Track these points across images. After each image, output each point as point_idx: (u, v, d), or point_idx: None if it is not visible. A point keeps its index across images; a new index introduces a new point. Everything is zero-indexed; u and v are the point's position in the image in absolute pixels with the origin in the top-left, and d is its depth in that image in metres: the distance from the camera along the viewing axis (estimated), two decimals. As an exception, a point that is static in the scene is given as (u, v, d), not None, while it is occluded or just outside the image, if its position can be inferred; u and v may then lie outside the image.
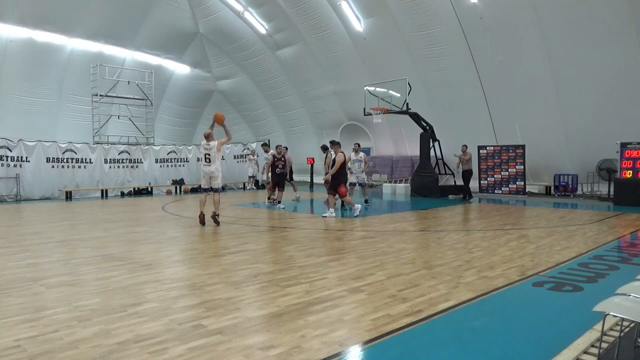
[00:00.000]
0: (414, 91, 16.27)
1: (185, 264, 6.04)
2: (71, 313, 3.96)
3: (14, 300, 4.34)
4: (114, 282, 5.04)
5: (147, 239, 7.95)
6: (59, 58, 20.78)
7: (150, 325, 3.66)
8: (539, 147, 16.36)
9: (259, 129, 27.66)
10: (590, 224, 9.52)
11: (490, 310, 4.17)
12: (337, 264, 5.94)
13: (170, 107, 26.45)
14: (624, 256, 6.51)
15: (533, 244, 7.28)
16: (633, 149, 13.41)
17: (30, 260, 6.18)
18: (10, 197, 15.27)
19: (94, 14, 20.36)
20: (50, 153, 16.17)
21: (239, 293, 4.59)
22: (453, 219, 10.55)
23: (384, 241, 7.60)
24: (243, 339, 3.40)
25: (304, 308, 4.11)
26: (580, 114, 15.13)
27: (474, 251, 6.77)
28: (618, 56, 13.78)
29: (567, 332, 3.53)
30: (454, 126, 18.39)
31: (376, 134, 22.37)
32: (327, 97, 23.06)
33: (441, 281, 5.05)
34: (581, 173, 15.83)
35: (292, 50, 22.62)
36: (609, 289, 3.42)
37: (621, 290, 3.04)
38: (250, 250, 6.82)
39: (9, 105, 19.90)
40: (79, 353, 3.14)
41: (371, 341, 3.39)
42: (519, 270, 5.57)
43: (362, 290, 4.70)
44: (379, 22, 18.62)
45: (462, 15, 16.07)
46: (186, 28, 23.67)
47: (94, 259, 6.25)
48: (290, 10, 20.47)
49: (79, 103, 21.49)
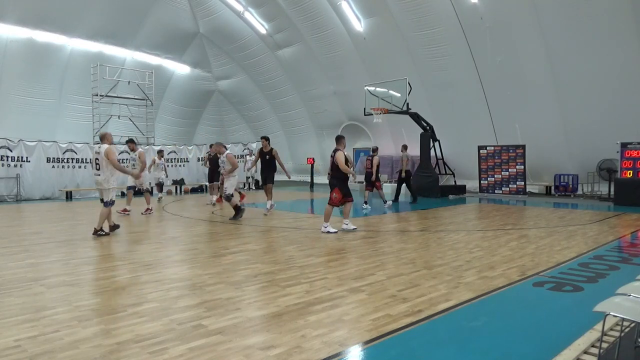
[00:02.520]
0: (414, 91, 16.27)
1: (185, 264, 6.04)
2: (71, 313, 3.96)
3: (15, 300, 4.34)
4: (114, 282, 5.04)
5: (147, 239, 7.95)
6: (59, 58, 20.79)
7: (151, 325, 3.66)
8: (539, 147, 16.36)
9: (259, 129, 27.66)
10: (590, 224, 9.51)
11: (491, 310, 4.17)
12: (337, 264, 5.94)
13: (170, 107, 26.46)
14: (625, 256, 6.50)
15: (533, 244, 7.27)
16: (633, 149, 13.41)
17: (31, 260, 6.18)
18: (11, 197, 15.28)
19: (94, 14, 20.36)
20: (51, 153, 16.18)
21: (239, 293, 4.59)
22: (453, 219, 10.55)
23: (384, 241, 7.60)
24: (243, 339, 3.40)
25: (304, 308, 4.11)
26: (581, 113, 15.13)
27: (475, 251, 6.77)
28: (618, 56, 13.77)
29: (567, 332, 3.53)
30: (454, 126, 18.39)
31: (376, 134, 22.37)
32: (327, 97, 23.06)
33: (441, 281, 5.05)
34: (581, 173, 15.83)
35: (292, 50, 22.63)
36: (609, 289, 3.42)
37: (621, 290, 3.03)
38: (250, 250, 6.82)
39: (9, 105, 19.90)
40: (79, 353, 3.14)
41: (371, 341, 3.39)
42: (519, 270, 5.57)
43: (362, 290, 4.70)
44: (379, 22, 18.62)
45: (462, 15, 16.07)
46: (186, 28, 23.68)
47: (94, 259, 6.25)
48: (290, 10, 20.47)
49: (79, 103, 21.49)
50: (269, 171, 11.42)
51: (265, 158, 11.36)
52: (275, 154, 11.26)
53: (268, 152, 11.31)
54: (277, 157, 11.28)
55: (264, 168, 11.57)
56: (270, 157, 11.29)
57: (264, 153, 11.37)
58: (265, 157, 11.35)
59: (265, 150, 11.38)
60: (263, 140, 11.45)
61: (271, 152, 11.25)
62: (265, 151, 11.39)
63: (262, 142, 11.43)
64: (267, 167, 11.40)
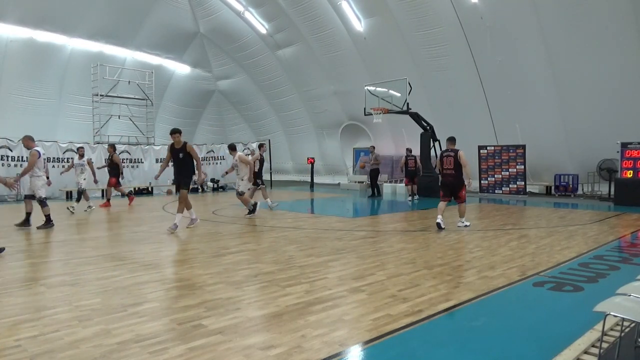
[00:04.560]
0: (414, 91, 16.27)
1: (185, 264, 6.04)
2: (72, 313, 3.96)
3: (15, 300, 4.35)
4: (114, 281, 5.04)
5: (147, 238, 7.95)
6: (59, 58, 20.78)
7: (151, 325, 3.66)
8: (540, 147, 16.35)
9: (259, 129, 27.66)
10: (590, 224, 9.51)
11: (491, 310, 4.17)
12: (337, 263, 5.94)
13: (170, 107, 26.44)
14: (625, 256, 6.50)
15: (533, 244, 7.27)
16: (634, 149, 13.40)
17: (31, 260, 6.18)
18: (11, 197, 15.28)
19: (94, 14, 20.35)
20: (51, 153, 16.17)
21: (239, 293, 4.59)
22: (453, 219, 10.54)
23: (384, 241, 7.60)
24: (243, 339, 3.40)
25: (305, 308, 4.11)
26: (581, 113, 15.12)
27: (475, 251, 6.77)
28: (618, 56, 13.76)
29: (567, 332, 3.53)
30: (455, 126, 18.32)
31: (376, 134, 22.36)
32: (327, 97, 23.05)
33: (441, 281, 5.05)
34: (582, 173, 15.82)
35: (293, 50, 22.62)
36: (609, 289, 3.41)
37: (622, 290, 3.03)
38: (250, 250, 6.82)
39: (10, 105, 19.88)
40: (80, 353, 3.14)
41: (371, 341, 3.39)
42: (519, 270, 5.57)
43: (362, 290, 4.70)
44: (379, 22, 18.61)
45: (462, 15, 16.06)
46: (186, 28, 23.68)
47: (94, 259, 6.25)
48: (290, 10, 20.47)
49: (80, 103, 21.47)
50: (183, 174, 8.83)
51: (178, 157, 8.73)
52: (191, 150, 8.75)
53: (181, 149, 8.71)
54: (194, 155, 8.82)
55: (177, 170, 8.97)
56: (184, 155, 8.71)
57: (176, 150, 8.73)
58: (177, 156, 8.73)
59: (177, 147, 8.73)
60: (174, 135, 8.72)
61: (185, 148, 8.69)
62: (176, 147, 8.73)
63: (173, 136, 8.73)
64: (180, 168, 8.83)
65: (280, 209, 12.46)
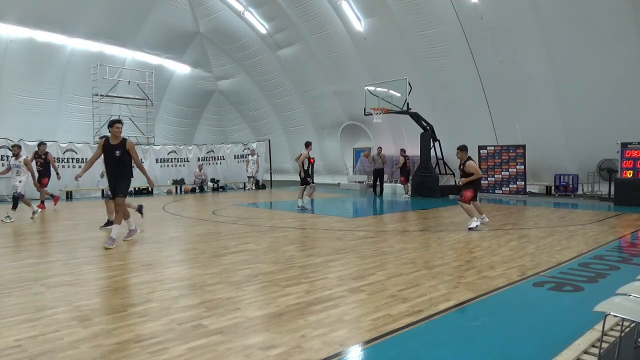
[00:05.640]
0: (414, 91, 16.27)
1: (185, 264, 6.04)
2: (71, 313, 3.96)
3: (15, 300, 4.34)
4: (114, 282, 5.04)
5: (147, 239, 7.95)
6: (59, 58, 20.78)
7: (151, 325, 3.66)
8: (540, 147, 16.35)
9: (259, 129, 27.67)
10: (590, 224, 9.51)
11: (491, 310, 4.17)
12: (337, 263, 5.93)
13: (170, 107, 26.45)
14: (625, 256, 6.50)
15: (533, 244, 7.27)
16: (634, 149, 13.41)
17: (31, 260, 6.18)
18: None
19: (94, 14, 20.35)
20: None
21: (239, 293, 4.59)
22: (454, 219, 10.54)
23: (385, 241, 7.60)
24: (243, 339, 3.40)
25: (305, 308, 4.11)
26: (581, 113, 15.12)
27: (475, 251, 6.77)
28: (618, 56, 13.76)
29: (567, 332, 3.53)
30: (455, 126, 18.39)
31: (376, 134, 22.36)
32: (327, 97, 23.05)
33: (441, 281, 5.05)
34: (582, 173, 15.82)
35: (293, 50, 22.62)
36: (609, 289, 3.42)
37: (622, 290, 3.03)
38: (250, 250, 6.82)
39: (10, 105, 19.88)
40: (80, 353, 3.14)
41: (371, 341, 3.39)
42: (519, 270, 5.57)
43: (362, 290, 4.70)
44: (379, 22, 18.61)
45: (462, 15, 16.06)
46: (186, 28, 23.67)
47: (94, 259, 6.25)
48: (290, 10, 20.47)
49: (80, 103, 21.47)
50: (121, 176, 7.34)
51: (114, 155, 7.19)
52: (131, 149, 7.25)
53: (119, 146, 7.20)
54: (133, 155, 7.33)
55: (112, 171, 7.36)
56: (122, 153, 7.20)
57: (112, 147, 7.19)
58: (113, 154, 7.19)
59: (114, 143, 7.21)
60: (115, 127, 7.18)
61: (125, 145, 7.20)
62: (112, 144, 7.20)
63: (112, 129, 7.19)
64: (117, 169, 7.31)
65: (280, 208, 12.46)
